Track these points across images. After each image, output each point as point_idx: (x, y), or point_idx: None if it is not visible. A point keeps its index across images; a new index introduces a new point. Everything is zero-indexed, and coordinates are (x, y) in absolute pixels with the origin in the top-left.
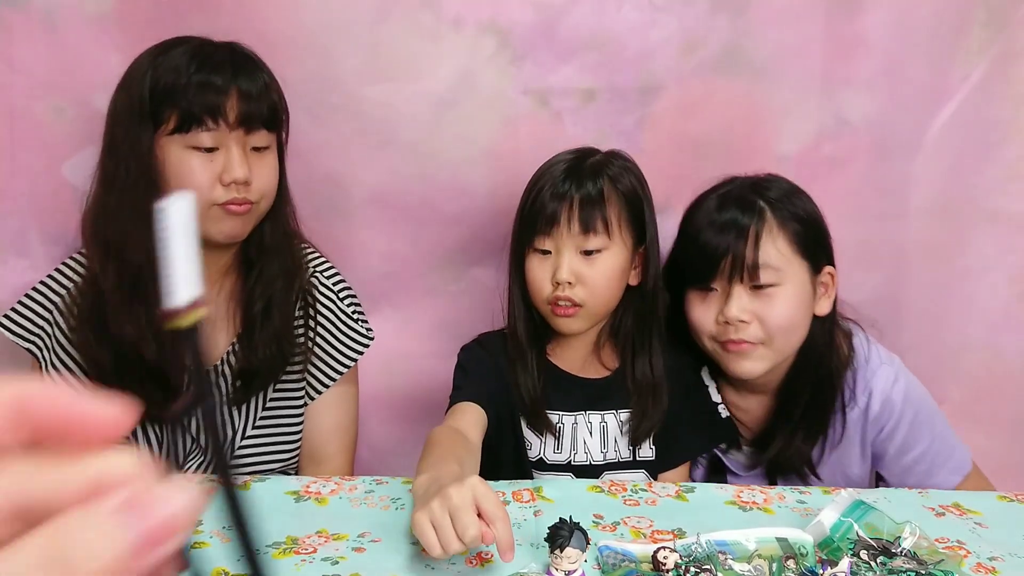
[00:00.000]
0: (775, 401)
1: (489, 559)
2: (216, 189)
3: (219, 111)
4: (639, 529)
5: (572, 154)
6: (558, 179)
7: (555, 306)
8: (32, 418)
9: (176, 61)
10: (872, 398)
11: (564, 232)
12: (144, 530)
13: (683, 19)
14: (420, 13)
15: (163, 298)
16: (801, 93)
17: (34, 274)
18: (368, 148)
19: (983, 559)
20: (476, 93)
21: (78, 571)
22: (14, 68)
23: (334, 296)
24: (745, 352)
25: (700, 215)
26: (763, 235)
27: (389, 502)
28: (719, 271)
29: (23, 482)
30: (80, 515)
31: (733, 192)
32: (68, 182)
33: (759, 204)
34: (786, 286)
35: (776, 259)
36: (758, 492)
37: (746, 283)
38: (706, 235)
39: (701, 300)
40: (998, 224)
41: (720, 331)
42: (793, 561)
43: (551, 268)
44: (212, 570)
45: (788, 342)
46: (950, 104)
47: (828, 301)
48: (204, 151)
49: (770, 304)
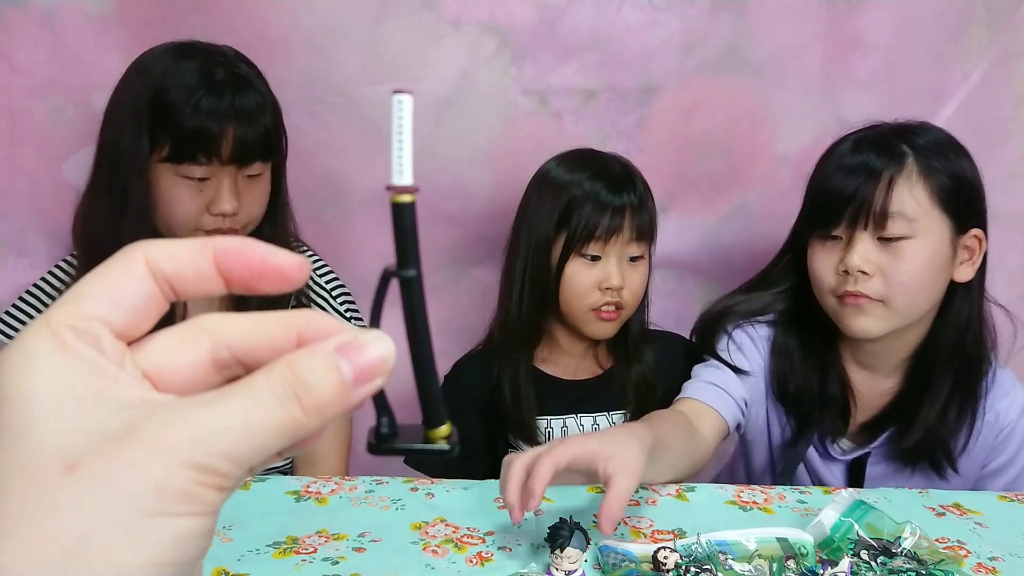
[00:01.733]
0: (905, 378)
1: (489, 559)
2: (204, 218)
3: (213, 150)
4: (639, 529)
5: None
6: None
7: (599, 311)
8: (228, 269)
9: (182, 80)
10: (998, 419)
11: (617, 240)
12: (358, 368)
13: (683, 19)
14: (420, 13)
15: (391, 175)
16: (801, 93)
17: (34, 274)
18: (368, 148)
19: (983, 559)
20: (476, 93)
21: (310, 399)
22: (14, 68)
23: (327, 295)
24: (863, 307)
25: (832, 156)
26: (898, 180)
27: (389, 502)
28: (844, 215)
29: (241, 330)
30: (306, 354)
31: (874, 133)
32: (68, 182)
33: (901, 147)
34: (919, 240)
35: (911, 208)
36: (758, 492)
37: (872, 231)
38: (835, 177)
39: (823, 248)
40: (998, 224)
41: (839, 283)
42: (793, 561)
43: (599, 275)
44: (212, 570)
45: (913, 304)
46: (950, 104)
47: (971, 268)
48: (195, 180)
49: (898, 258)
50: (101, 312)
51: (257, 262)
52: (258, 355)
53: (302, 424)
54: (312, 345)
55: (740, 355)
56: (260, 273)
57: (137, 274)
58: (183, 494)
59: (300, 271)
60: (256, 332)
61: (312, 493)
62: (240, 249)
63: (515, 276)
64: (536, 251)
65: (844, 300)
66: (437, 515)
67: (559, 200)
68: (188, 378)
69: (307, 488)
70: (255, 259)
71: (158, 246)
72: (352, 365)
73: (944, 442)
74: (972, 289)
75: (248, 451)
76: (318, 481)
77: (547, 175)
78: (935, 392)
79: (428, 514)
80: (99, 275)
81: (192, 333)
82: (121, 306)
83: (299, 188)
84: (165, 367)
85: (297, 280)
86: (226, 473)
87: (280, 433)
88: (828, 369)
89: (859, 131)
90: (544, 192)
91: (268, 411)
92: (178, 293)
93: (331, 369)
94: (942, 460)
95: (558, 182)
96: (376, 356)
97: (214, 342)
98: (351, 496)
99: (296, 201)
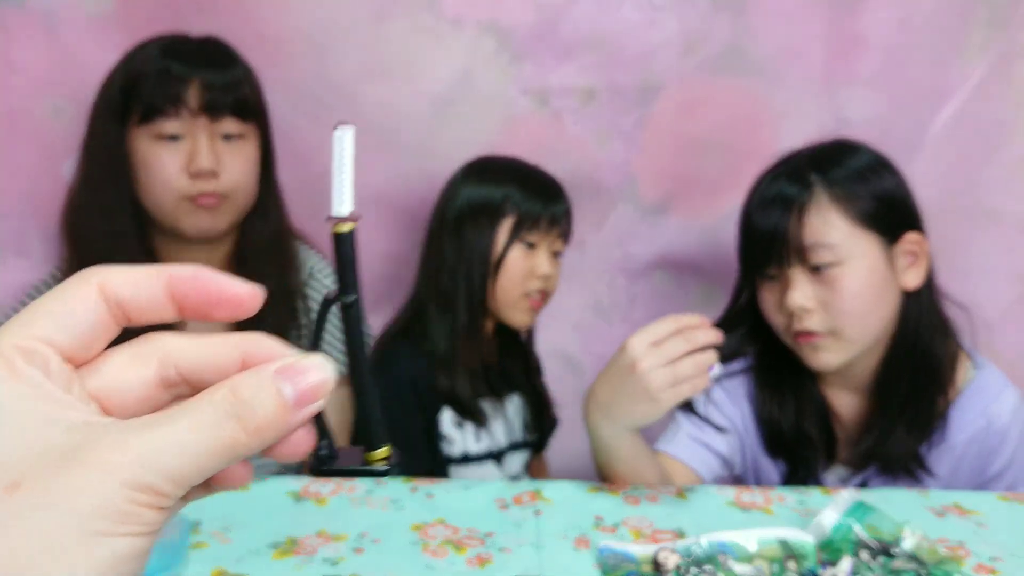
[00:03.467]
0: (874, 391)
1: (489, 560)
2: (183, 179)
3: (179, 98)
4: (639, 530)
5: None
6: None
7: (530, 298)
8: (183, 296)
9: (145, 54)
10: (991, 424)
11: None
12: (299, 390)
13: (683, 19)
14: (420, 13)
15: (331, 206)
16: (801, 93)
17: (34, 274)
18: (368, 148)
19: (984, 559)
20: (476, 93)
21: (252, 419)
22: (14, 68)
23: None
24: (815, 344)
25: (753, 193)
26: (809, 210)
27: (389, 503)
28: (771, 254)
29: (188, 351)
30: (249, 376)
31: (787, 166)
32: (68, 182)
33: (809, 177)
34: (849, 264)
35: (830, 236)
36: (758, 493)
37: (800, 265)
38: (755, 216)
39: (767, 289)
40: (998, 224)
41: (787, 322)
42: (794, 562)
43: (533, 262)
44: (212, 570)
45: (864, 328)
46: (951, 104)
47: (918, 271)
48: (169, 140)
49: (833, 287)
50: (50, 335)
51: (212, 291)
52: (205, 376)
53: (243, 444)
54: (255, 368)
55: (718, 413)
56: (215, 302)
57: (89, 299)
58: (123, 514)
59: (253, 299)
60: (203, 353)
61: (312, 494)
62: (196, 277)
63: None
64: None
65: (797, 339)
66: (437, 516)
67: (496, 196)
68: (137, 396)
69: (307, 488)
70: (211, 288)
71: (114, 272)
72: (294, 387)
73: (912, 452)
74: (921, 293)
75: (189, 471)
76: (318, 481)
77: (468, 199)
78: (899, 399)
79: (428, 515)
80: (52, 298)
81: (142, 353)
82: (71, 330)
83: (299, 188)
84: (115, 385)
85: (250, 308)
86: (166, 493)
87: (220, 453)
88: (808, 399)
89: (776, 164)
90: (476, 216)
91: (210, 431)
92: (131, 319)
93: (272, 391)
94: (912, 465)
95: (495, 182)
96: (317, 379)
97: (162, 361)
98: (351, 496)
99: (296, 201)
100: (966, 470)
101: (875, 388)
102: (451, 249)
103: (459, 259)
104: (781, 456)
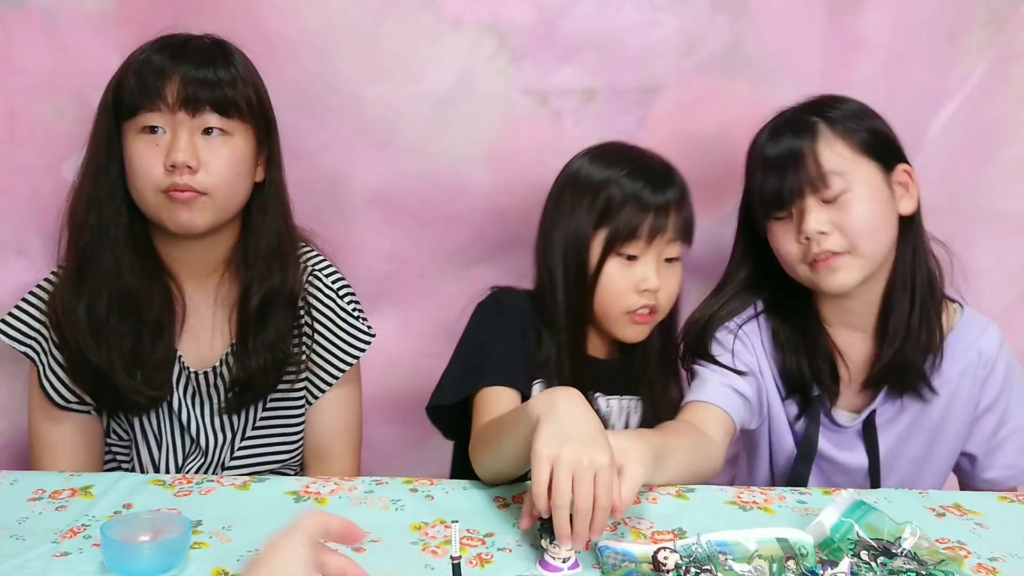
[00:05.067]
0: (876, 330)
1: (489, 560)
2: (158, 171)
3: (157, 91)
4: (639, 529)
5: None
6: (644, 188)
7: (634, 314)
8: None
9: (142, 55)
10: (981, 356)
11: (658, 240)
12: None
13: (683, 19)
14: (420, 13)
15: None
16: (801, 93)
17: (34, 274)
18: (368, 148)
19: (984, 559)
20: (476, 93)
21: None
22: (14, 68)
23: (334, 295)
24: (833, 264)
25: (756, 148)
26: (819, 144)
27: (389, 502)
28: (785, 193)
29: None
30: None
31: (785, 117)
32: (68, 182)
33: (811, 119)
34: (857, 189)
35: (839, 164)
36: (758, 492)
37: (815, 196)
38: (768, 160)
39: (780, 227)
40: (998, 224)
41: (804, 251)
42: (793, 561)
43: (636, 276)
44: (212, 570)
45: (876, 246)
46: (950, 104)
47: (911, 199)
48: (149, 132)
49: (846, 210)
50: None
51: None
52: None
53: None
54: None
55: (736, 360)
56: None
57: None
58: None
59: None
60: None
61: (312, 493)
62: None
63: (556, 283)
64: (574, 253)
65: (815, 266)
66: (437, 516)
67: (596, 200)
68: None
69: (307, 488)
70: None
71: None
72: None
73: (917, 365)
74: (914, 222)
75: None
76: (317, 481)
77: (578, 173)
78: (901, 318)
79: (428, 514)
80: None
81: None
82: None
83: (299, 188)
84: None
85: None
86: None
87: None
88: (815, 339)
89: (772, 120)
90: (579, 191)
91: None
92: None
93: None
94: (919, 382)
95: (593, 180)
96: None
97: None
98: (351, 496)
99: (296, 201)
100: (961, 402)
101: (879, 318)
102: (549, 273)
103: (560, 284)
104: (795, 395)
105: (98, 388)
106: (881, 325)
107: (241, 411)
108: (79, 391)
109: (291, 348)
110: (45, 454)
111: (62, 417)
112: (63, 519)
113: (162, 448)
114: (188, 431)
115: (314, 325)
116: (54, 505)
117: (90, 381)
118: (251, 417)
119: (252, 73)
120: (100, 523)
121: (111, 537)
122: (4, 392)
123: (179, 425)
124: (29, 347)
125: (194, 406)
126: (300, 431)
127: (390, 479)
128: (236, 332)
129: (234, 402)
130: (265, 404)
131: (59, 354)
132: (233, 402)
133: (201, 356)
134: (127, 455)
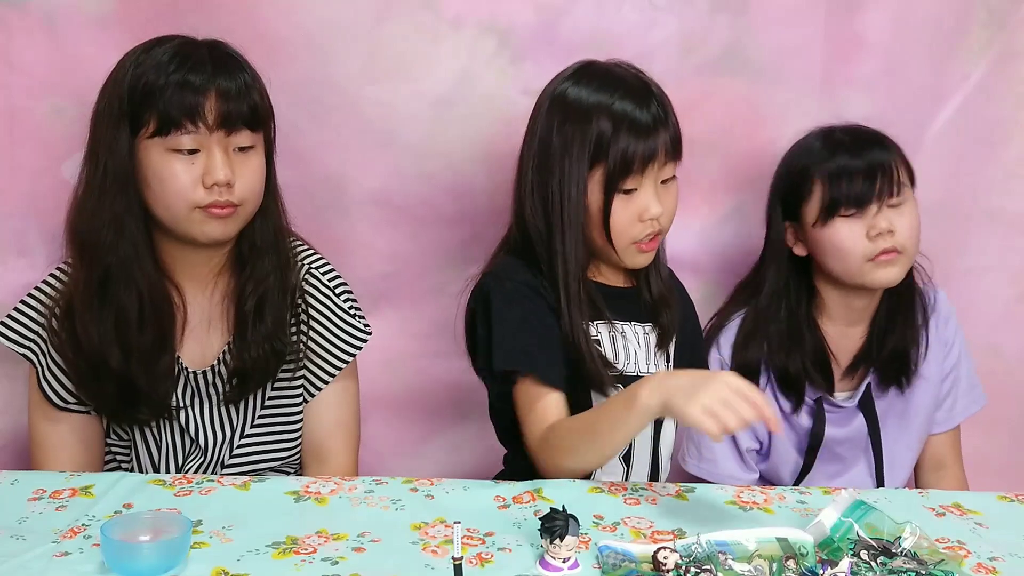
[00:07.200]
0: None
1: (489, 559)
2: (198, 191)
3: (198, 113)
4: (639, 529)
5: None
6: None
7: (640, 243)
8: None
9: (156, 60)
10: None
11: (653, 167)
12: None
13: (683, 19)
14: (420, 13)
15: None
16: (801, 93)
17: (34, 274)
18: (368, 148)
19: (983, 559)
20: (476, 93)
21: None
22: (14, 68)
23: (330, 292)
24: (893, 260)
25: (823, 156)
26: (898, 159)
27: (389, 502)
28: (873, 194)
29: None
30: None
31: (856, 132)
32: (68, 182)
33: (889, 140)
34: (910, 201)
35: (904, 178)
36: (758, 492)
37: (890, 201)
38: (851, 168)
39: (847, 224)
40: (998, 224)
41: (872, 246)
42: (793, 561)
43: (638, 206)
44: (212, 570)
45: (917, 248)
46: (950, 104)
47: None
48: (186, 153)
49: (903, 215)
50: None
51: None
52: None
53: None
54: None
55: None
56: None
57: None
58: None
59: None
60: None
61: (312, 493)
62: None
63: (554, 226)
64: (574, 201)
65: (878, 259)
66: (437, 515)
67: (587, 133)
68: None
69: (307, 488)
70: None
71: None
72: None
73: (906, 355)
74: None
75: None
76: (318, 481)
77: (564, 98)
78: (893, 315)
79: (428, 514)
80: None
81: None
82: None
83: (299, 188)
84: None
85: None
86: None
87: None
88: (805, 332)
89: (832, 134)
90: (567, 120)
91: None
92: None
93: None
94: (908, 369)
95: (581, 108)
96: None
97: None
98: (351, 496)
99: (296, 201)
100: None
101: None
102: (538, 196)
103: (548, 209)
104: (790, 390)
105: (104, 401)
106: (876, 319)
107: (242, 400)
108: (81, 396)
109: (288, 338)
110: (45, 454)
111: (62, 417)
112: (63, 519)
113: (162, 449)
114: (187, 432)
115: (310, 322)
116: (54, 505)
117: (97, 393)
118: (250, 414)
119: (258, 78)
120: (100, 523)
121: (111, 537)
122: (4, 392)
123: (178, 427)
124: (28, 349)
125: (193, 406)
126: (298, 428)
127: (390, 479)
128: (233, 328)
129: (235, 392)
130: (264, 400)
131: (58, 356)
132: (234, 392)
133: (199, 356)
134: (127, 455)
